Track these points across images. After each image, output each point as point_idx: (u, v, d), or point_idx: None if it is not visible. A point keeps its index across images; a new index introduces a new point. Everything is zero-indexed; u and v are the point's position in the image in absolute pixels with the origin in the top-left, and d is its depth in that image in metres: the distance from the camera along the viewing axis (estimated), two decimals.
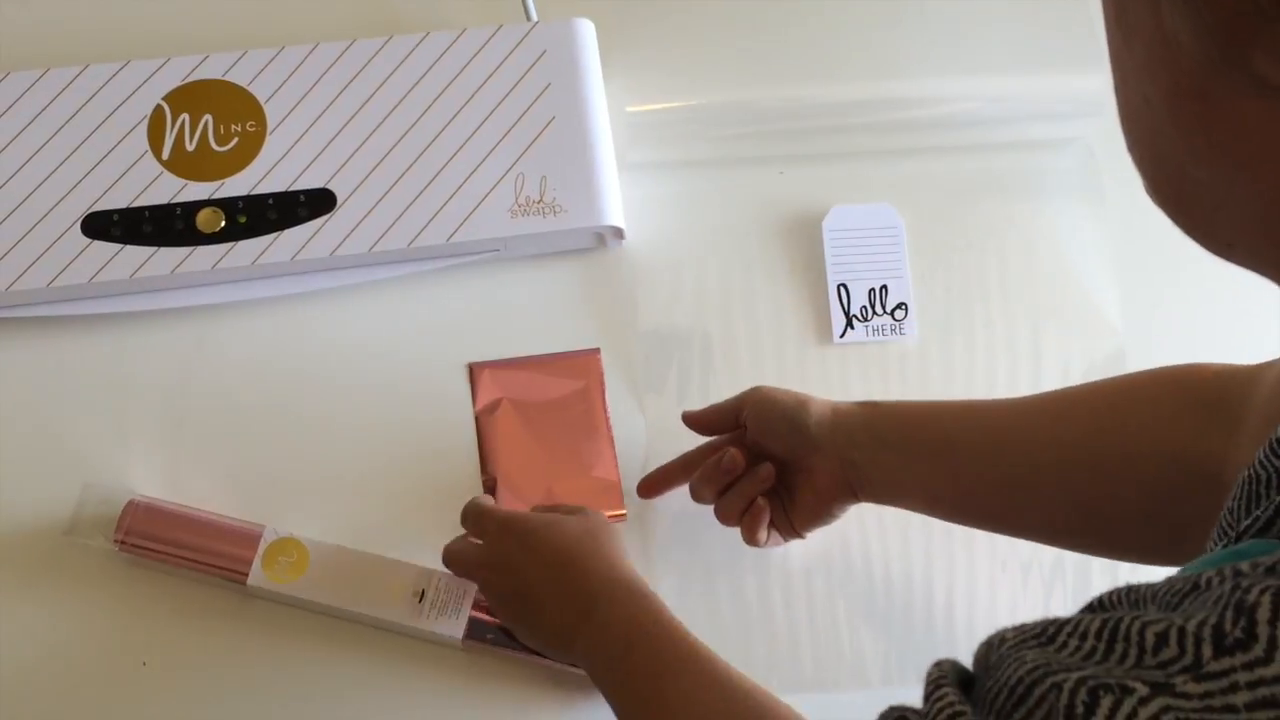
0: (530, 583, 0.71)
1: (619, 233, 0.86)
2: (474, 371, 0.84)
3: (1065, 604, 0.82)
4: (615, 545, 0.72)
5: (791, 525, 0.78)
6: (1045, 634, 0.40)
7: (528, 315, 0.86)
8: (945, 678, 0.42)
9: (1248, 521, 0.44)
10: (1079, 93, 0.92)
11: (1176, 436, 0.65)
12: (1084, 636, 0.38)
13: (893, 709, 0.43)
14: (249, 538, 0.77)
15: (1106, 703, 0.36)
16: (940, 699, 0.41)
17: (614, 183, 0.86)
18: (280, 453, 0.82)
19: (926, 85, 0.92)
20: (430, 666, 0.78)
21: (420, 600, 0.76)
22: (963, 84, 0.92)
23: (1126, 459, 0.66)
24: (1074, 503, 0.68)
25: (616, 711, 0.66)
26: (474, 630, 0.76)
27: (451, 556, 0.75)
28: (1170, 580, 0.39)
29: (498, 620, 0.76)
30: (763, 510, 0.76)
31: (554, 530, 0.71)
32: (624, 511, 0.81)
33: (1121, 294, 0.89)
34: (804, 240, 0.89)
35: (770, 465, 0.76)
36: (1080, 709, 0.36)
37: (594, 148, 0.85)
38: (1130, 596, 0.40)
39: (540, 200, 0.84)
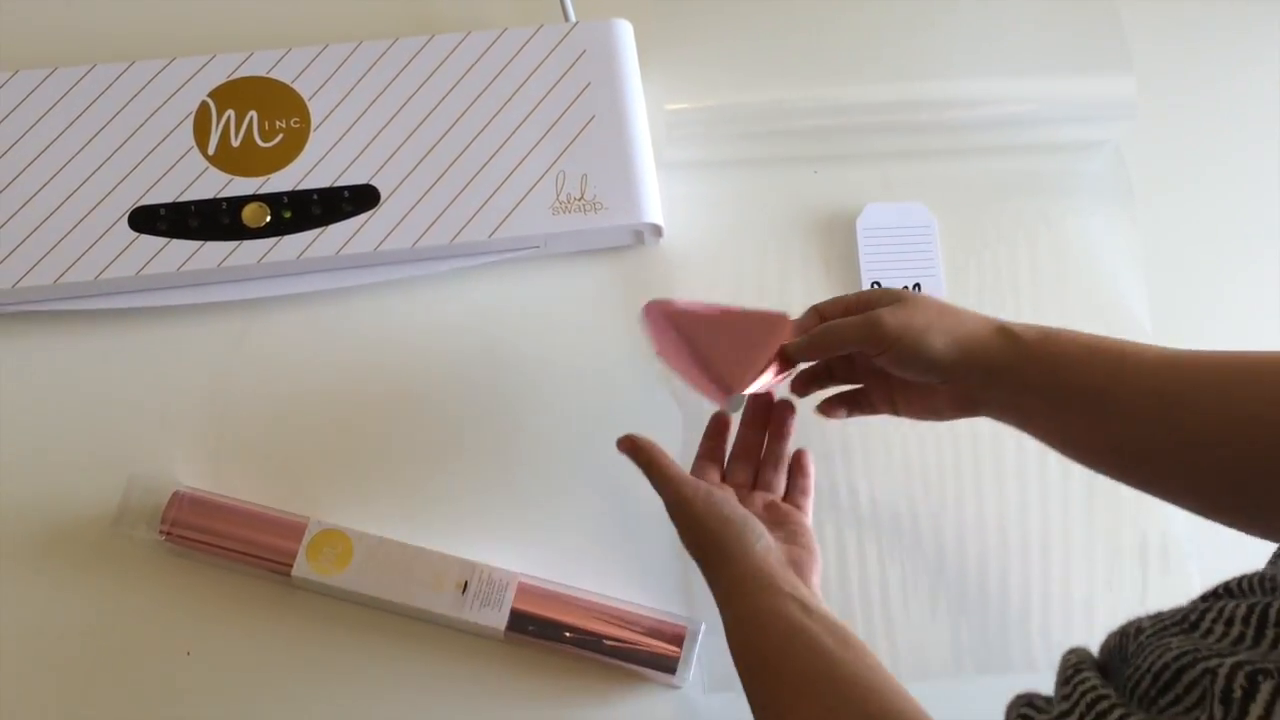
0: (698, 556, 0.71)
1: (658, 230, 0.87)
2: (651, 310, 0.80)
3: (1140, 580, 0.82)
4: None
5: (894, 407, 0.76)
6: (1187, 620, 0.39)
7: (567, 312, 0.87)
8: (1084, 663, 0.41)
9: None
10: (1109, 96, 0.93)
11: None
12: (1230, 623, 0.38)
13: (1021, 696, 0.42)
14: (293, 529, 0.78)
15: (1267, 687, 0.35)
16: (1082, 683, 0.40)
17: (653, 181, 0.87)
18: (324, 445, 0.83)
19: (959, 87, 0.93)
20: (472, 658, 0.78)
21: (463, 592, 0.77)
22: (995, 86, 0.93)
23: None
24: (1233, 479, 0.60)
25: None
26: (516, 622, 0.77)
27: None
28: None
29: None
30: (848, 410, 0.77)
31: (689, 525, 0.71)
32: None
33: (1151, 295, 0.90)
34: (838, 238, 0.90)
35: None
36: (1238, 693, 0.35)
37: (633, 146, 0.86)
38: (1264, 585, 0.40)
39: (581, 198, 0.85)
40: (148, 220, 0.83)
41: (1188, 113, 0.97)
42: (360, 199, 0.84)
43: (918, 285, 0.89)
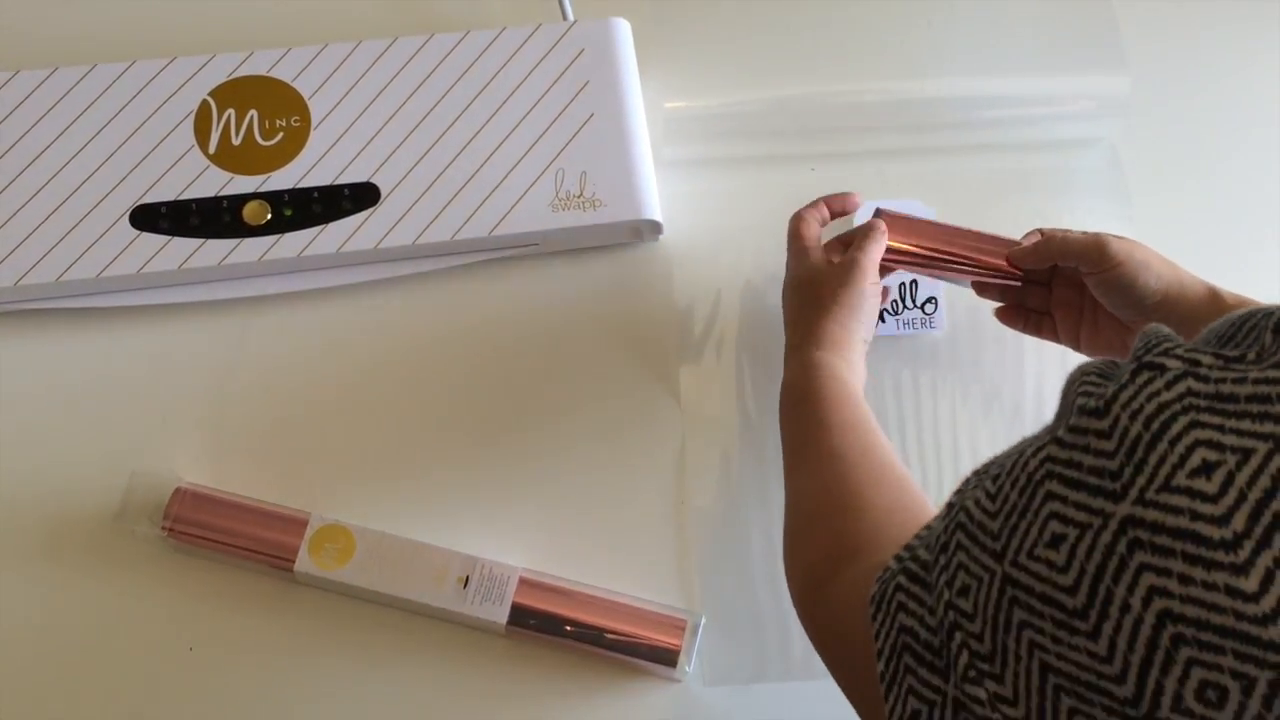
0: (790, 307, 0.78)
1: (657, 227, 0.87)
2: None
3: None
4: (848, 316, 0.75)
5: (1076, 341, 0.79)
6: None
7: (567, 309, 0.88)
8: (1163, 327, 0.43)
9: None
10: (1105, 94, 0.94)
11: None
12: None
13: (1093, 361, 0.45)
14: (295, 525, 0.79)
15: None
16: (1155, 331, 0.43)
17: (652, 178, 0.87)
18: (326, 440, 0.83)
19: (955, 85, 0.93)
20: (474, 652, 0.79)
21: (465, 586, 0.77)
22: (991, 84, 0.94)
23: None
24: None
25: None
26: (517, 616, 0.77)
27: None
28: None
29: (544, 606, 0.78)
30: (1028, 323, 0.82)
31: (815, 293, 0.76)
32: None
33: None
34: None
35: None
36: None
37: (632, 144, 0.87)
38: None
39: (580, 195, 0.85)
40: (149, 218, 0.83)
41: (1183, 110, 0.98)
42: (360, 197, 0.84)
43: (914, 281, 0.89)
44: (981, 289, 0.83)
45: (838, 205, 0.84)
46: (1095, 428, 0.40)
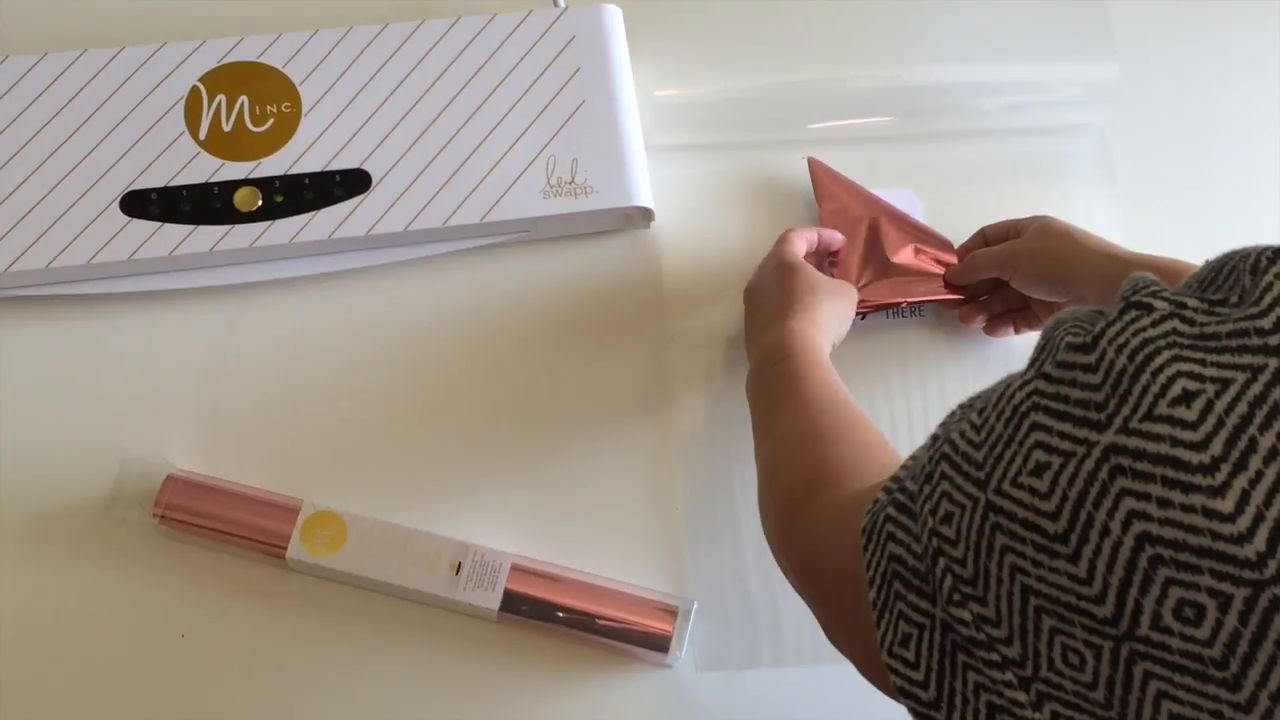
0: (767, 296, 0.80)
1: (648, 214, 0.87)
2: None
3: None
4: (824, 313, 0.78)
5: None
6: None
7: (558, 295, 0.88)
8: (1145, 274, 0.45)
9: None
10: (1093, 80, 0.94)
11: None
12: None
13: (1080, 309, 0.46)
14: (287, 511, 0.79)
15: None
16: (1140, 278, 0.45)
17: (643, 165, 0.87)
18: (318, 427, 0.83)
19: (946, 72, 0.94)
20: (466, 638, 0.79)
21: (457, 573, 0.78)
22: (980, 71, 0.94)
23: None
24: None
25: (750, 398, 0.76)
26: (509, 603, 0.77)
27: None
28: None
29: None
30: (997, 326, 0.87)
31: (801, 282, 0.79)
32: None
33: None
34: None
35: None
36: (1264, 261, 0.41)
37: (623, 131, 0.87)
38: None
39: (572, 181, 0.85)
40: (140, 205, 0.83)
41: (1171, 97, 0.98)
42: (352, 183, 0.84)
43: None
44: (965, 315, 0.88)
45: (826, 240, 0.86)
46: (1082, 362, 0.42)
